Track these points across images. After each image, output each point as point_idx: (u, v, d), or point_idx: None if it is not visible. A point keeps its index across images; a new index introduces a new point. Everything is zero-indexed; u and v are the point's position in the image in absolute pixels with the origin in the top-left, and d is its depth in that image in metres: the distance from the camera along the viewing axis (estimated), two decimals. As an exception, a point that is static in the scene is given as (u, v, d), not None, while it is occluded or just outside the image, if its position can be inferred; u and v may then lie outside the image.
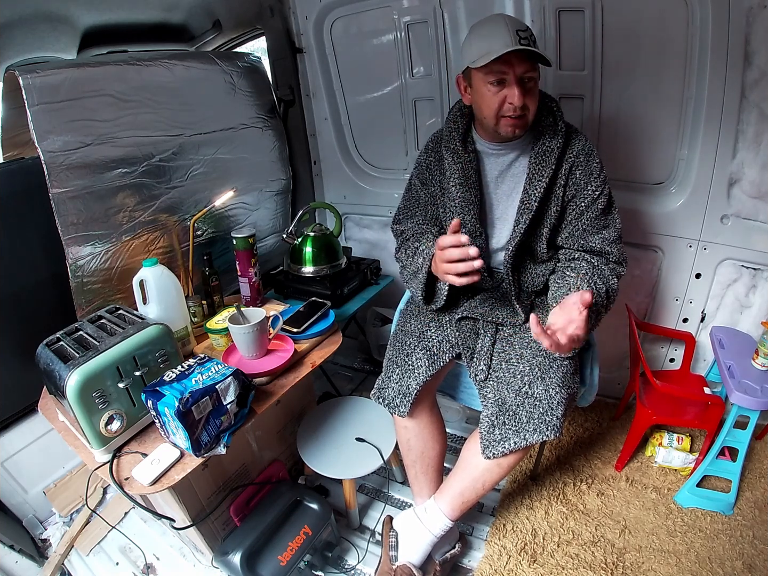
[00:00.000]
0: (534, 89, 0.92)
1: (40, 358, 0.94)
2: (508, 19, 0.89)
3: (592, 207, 1.00)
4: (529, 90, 0.91)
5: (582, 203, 1.00)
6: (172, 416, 0.82)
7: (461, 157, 1.03)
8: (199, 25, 1.82)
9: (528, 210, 1.00)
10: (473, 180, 1.04)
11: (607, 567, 1.13)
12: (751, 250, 1.30)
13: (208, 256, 1.34)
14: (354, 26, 1.59)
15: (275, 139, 1.67)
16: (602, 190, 1.00)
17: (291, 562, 1.05)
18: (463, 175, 1.02)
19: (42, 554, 1.27)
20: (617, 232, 1.02)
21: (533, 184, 0.99)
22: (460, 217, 1.04)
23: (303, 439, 1.25)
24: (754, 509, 1.25)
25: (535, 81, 0.91)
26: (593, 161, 0.99)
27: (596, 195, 0.99)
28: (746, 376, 1.18)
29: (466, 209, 1.04)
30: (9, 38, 1.39)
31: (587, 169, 0.99)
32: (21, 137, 1.20)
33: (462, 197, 1.03)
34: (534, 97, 0.93)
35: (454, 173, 1.03)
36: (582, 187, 0.99)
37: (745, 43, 1.10)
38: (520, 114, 0.92)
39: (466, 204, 1.04)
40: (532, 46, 0.87)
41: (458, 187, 1.03)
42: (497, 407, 0.96)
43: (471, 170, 1.03)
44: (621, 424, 1.58)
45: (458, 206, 1.04)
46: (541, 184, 0.98)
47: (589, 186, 0.99)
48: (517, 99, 0.89)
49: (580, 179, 0.99)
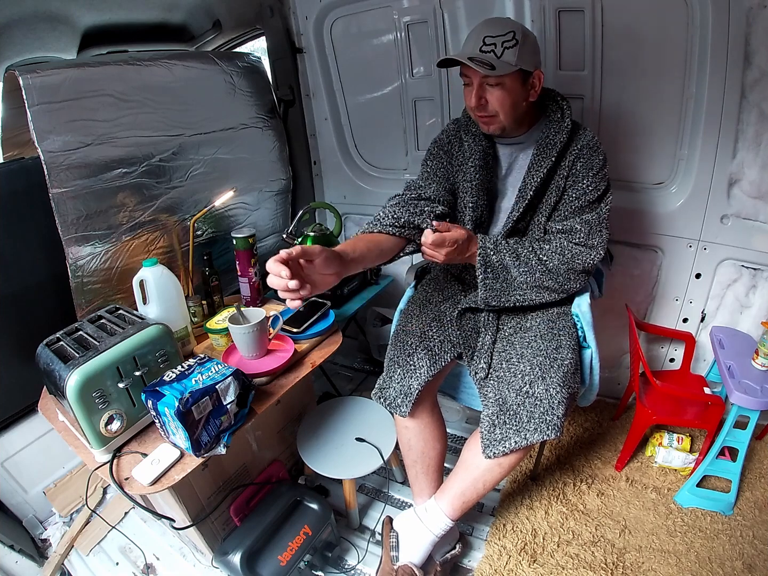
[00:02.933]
0: (499, 93, 0.95)
1: (40, 358, 0.94)
2: (487, 24, 0.94)
3: (582, 198, 1.01)
4: (493, 93, 0.95)
5: (573, 194, 1.02)
6: (172, 416, 0.82)
7: (482, 141, 1.07)
8: (199, 25, 1.82)
9: (523, 198, 1.03)
10: (491, 166, 1.08)
11: (607, 567, 1.13)
12: (751, 250, 1.30)
13: (208, 256, 1.34)
14: (354, 26, 1.59)
15: (275, 139, 1.67)
16: (596, 186, 1.00)
17: (291, 562, 1.05)
18: (483, 158, 1.06)
19: (42, 554, 1.27)
20: (596, 217, 1.01)
21: (531, 174, 1.02)
22: (474, 200, 1.07)
23: (303, 439, 1.25)
24: (754, 509, 1.25)
25: (501, 85, 0.94)
26: (597, 156, 1.00)
27: (589, 189, 1.00)
28: (746, 376, 1.18)
29: (480, 194, 1.07)
30: (9, 38, 1.39)
31: (589, 163, 1.00)
32: (21, 137, 1.20)
33: (480, 180, 1.06)
34: (501, 101, 0.96)
35: (474, 154, 1.06)
36: (579, 179, 1.01)
37: (745, 43, 1.10)
38: (489, 114, 0.98)
39: (482, 189, 1.07)
40: (498, 53, 0.91)
41: (477, 170, 1.06)
42: (498, 407, 0.96)
43: (489, 156, 1.08)
44: (621, 424, 1.58)
45: (475, 189, 1.06)
46: (539, 175, 1.00)
47: (585, 179, 1.00)
48: (472, 100, 0.97)
49: (579, 172, 1.01)
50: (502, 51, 0.91)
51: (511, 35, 0.91)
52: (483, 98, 0.96)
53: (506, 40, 0.91)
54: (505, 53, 0.91)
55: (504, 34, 0.91)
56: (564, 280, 1.03)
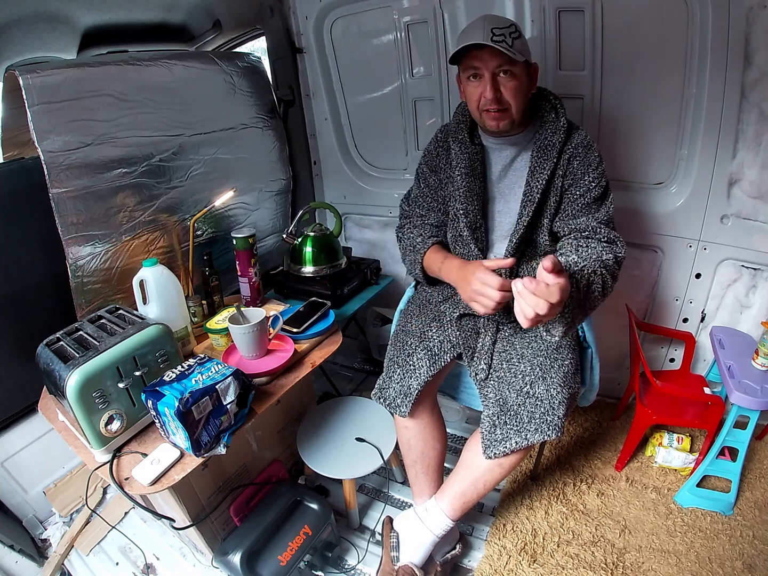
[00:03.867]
0: (513, 83, 0.93)
1: (40, 358, 0.94)
2: (489, 18, 0.92)
3: (586, 195, 1.00)
4: (507, 84, 0.93)
5: (577, 192, 1.00)
6: (172, 416, 0.82)
7: (468, 148, 1.06)
8: (199, 25, 1.82)
9: (531, 202, 1.01)
10: (479, 172, 1.06)
11: (607, 567, 1.13)
12: (751, 250, 1.30)
13: (208, 256, 1.34)
14: (354, 26, 1.59)
15: (275, 139, 1.67)
16: (598, 182, 0.99)
17: (291, 562, 1.05)
18: (469, 165, 1.05)
19: (42, 554, 1.27)
20: (608, 215, 1.00)
21: (535, 177, 1.00)
22: (464, 206, 1.06)
23: (303, 439, 1.25)
24: (754, 509, 1.25)
25: (514, 75, 0.93)
26: (592, 153, 1.00)
27: (592, 186, 0.99)
28: (746, 376, 1.18)
29: (469, 199, 1.06)
30: (9, 38, 1.39)
31: (585, 161, 0.99)
32: (21, 137, 1.20)
33: (467, 187, 1.05)
34: (514, 92, 0.94)
35: (460, 163, 1.05)
36: (579, 177, 1.00)
37: (745, 43, 1.10)
38: (500, 108, 0.95)
39: (471, 194, 1.05)
40: (509, 43, 0.89)
41: (464, 177, 1.05)
42: (498, 407, 0.96)
43: (477, 162, 1.06)
44: (621, 424, 1.58)
45: (462, 195, 1.05)
46: (543, 176, 0.99)
47: (586, 177, 0.99)
48: (488, 92, 0.93)
49: (577, 170, 1.00)
50: (511, 41, 0.90)
51: (514, 27, 0.92)
52: (498, 90, 0.94)
53: (512, 32, 0.91)
54: (515, 43, 0.90)
55: (508, 26, 0.91)
56: (613, 282, 0.93)
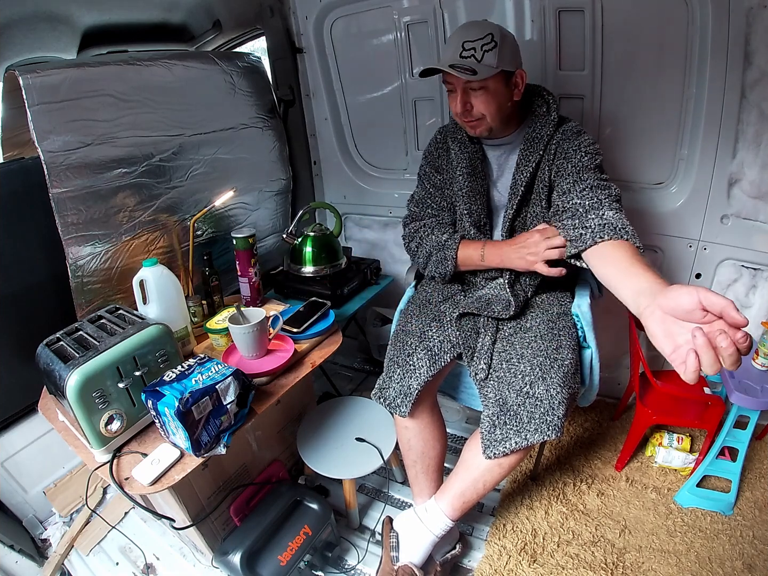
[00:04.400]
0: (484, 97, 0.96)
1: (40, 358, 0.94)
2: (463, 29, 0.95)
3: (579, 167, 0.97)
4: (479, 98, 0.96)
5: (569, 165, 0.98)
6: (172, 416, 0.82)
7: (467, 147, 1.08)
8: (199, 25, 1.82)
9: (515, 195, 1.03)
10: (479, 170, 1.08)
11: (607, 567, 1.13)
12: (751, 250, 1.30)
13: (208, 256, 1.34)
14: (354, 26, 1.59)
15: (275, 139, 1.67)
16: (592, 156, 0.97)
17: (291, 562, 1.05)
18: (470, 165, 1.07)
19: (42, 554, 1.27)
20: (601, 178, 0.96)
21: (520, 170, 1.03)
22: (468, 206, 1.08)
23: (303, 439, 1.25)
24: (754, 509, 1.25)
25: (485, 88, 0.94)
26: (583, 136, 1.00)
27: (585, 159, 0.97)
28: (746, 376, 1.18)
29: (473, 199, 1.08)
30: (9, 38, 1.39)
31: (576, 142, 0.99)
32: (21, 137, 1.20)
33: (469, 187, 1.07)
34: (486, 104, 0.96)
35: (461, 163, 1.07)
36: (571, 154, 0.98)
37: (745, 43, 1.10)
38: (476, 117, 0.98)
39: (474, 194, 1.07)
40: (478, 57, 0.91)
41: (465, 177, 1.07)
42: (498, 407, 0.96)
43: (477, 161, 1.08)
44: (621, 424, 1.58)
45: (466, 195, 1.07)
46: (528, 170, 1.01)
47: (578, 152, 0.98)
48: (457, 106, 0.98)
49: (568, 149, 0.99)
50: (482, 54, 0.91)
51: (490, 37, 0.92)
52: (468, 103, 0.97)
53: (485, 43, 0.91)
54: (486, 56, 0.91)
55: (482, 38, 0.91)
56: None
